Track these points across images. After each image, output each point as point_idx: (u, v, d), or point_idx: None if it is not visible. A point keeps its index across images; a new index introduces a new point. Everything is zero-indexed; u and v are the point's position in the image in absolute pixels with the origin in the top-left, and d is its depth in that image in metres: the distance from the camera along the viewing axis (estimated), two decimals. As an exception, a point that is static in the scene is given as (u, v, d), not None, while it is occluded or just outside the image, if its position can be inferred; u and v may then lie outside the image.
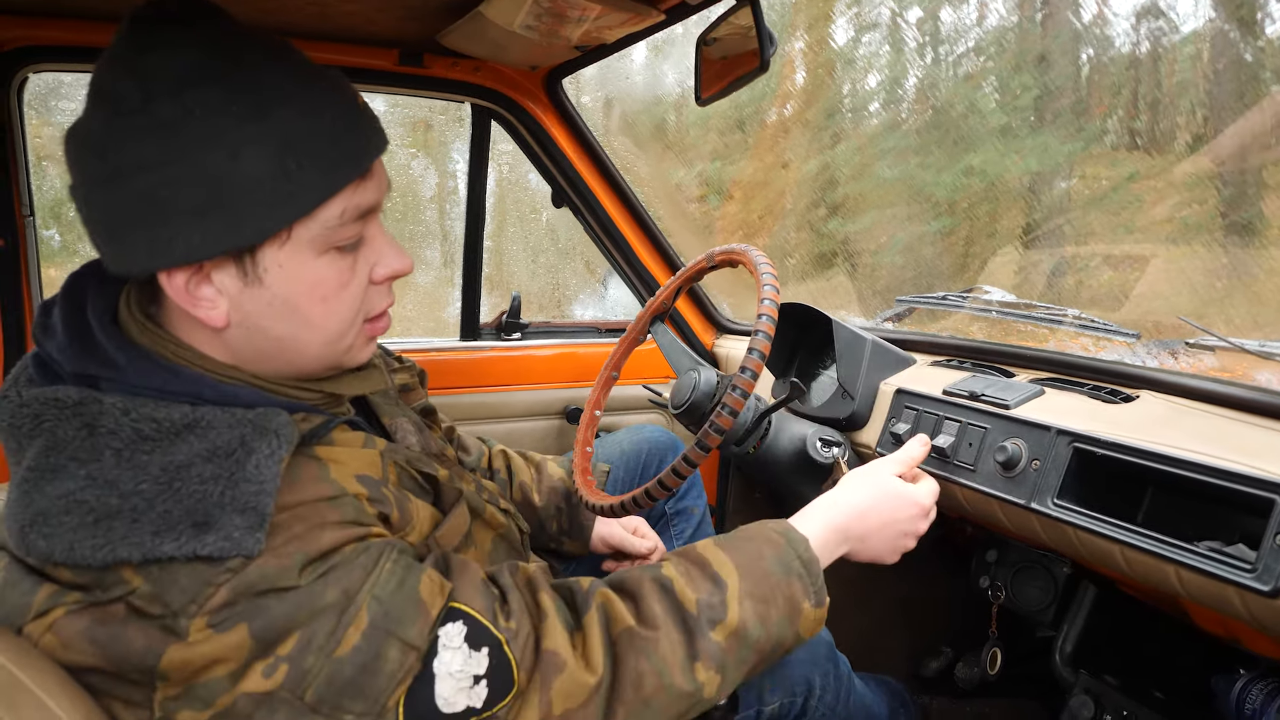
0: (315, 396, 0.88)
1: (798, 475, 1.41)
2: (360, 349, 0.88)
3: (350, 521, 0.78)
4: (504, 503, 1.15)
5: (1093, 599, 1.28)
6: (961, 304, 1.51)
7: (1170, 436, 1.02)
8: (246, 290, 0.76)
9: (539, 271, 2.26)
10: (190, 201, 0.70)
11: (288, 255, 0.76)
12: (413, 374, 1.22)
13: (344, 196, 0.77)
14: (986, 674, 1.40)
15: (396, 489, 0.89)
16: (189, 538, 0.68)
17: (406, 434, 1.04)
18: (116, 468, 0.70)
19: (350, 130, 0.78)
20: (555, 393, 1.81)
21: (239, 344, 0.80)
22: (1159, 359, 1.29)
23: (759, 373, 1.16)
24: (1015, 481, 1.15)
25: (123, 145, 0.70)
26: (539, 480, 1.38)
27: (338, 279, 0.80)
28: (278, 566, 0.70)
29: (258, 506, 0.71)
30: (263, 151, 0.71)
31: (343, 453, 0.85)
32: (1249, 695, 1.20)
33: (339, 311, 0.82)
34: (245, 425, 0.75)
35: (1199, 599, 0.97)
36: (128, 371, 0.76)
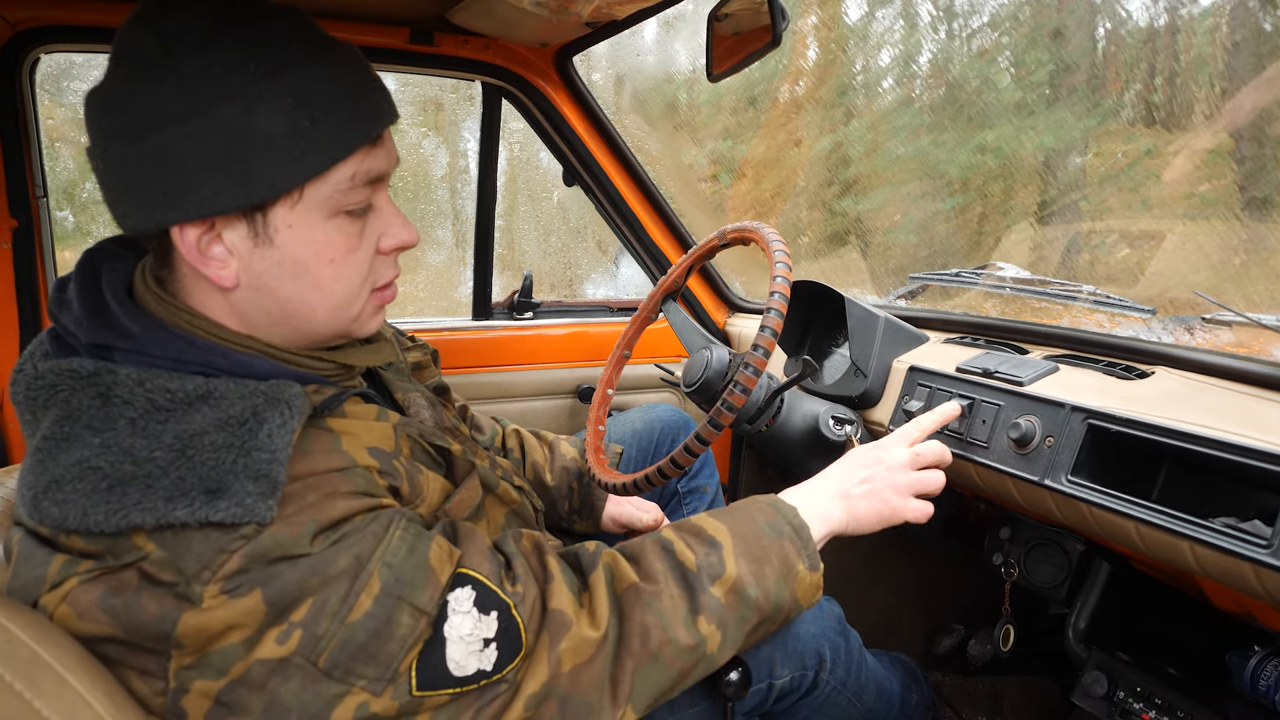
0: (328, 367, 0.89)
1: (810, 453, 1.42)
2: (368, 318, 0.89)
3: (361, 492, 0.79)
4: (518, 480, 1.16)
5: (1106, 576, 1.27)
6: (975, 281, 1.50)
7: (1185, 413, 1.02)
8: (256, 250, 0.78)
9: (550, 251, 2.26)
10: (206, 156, 0.72)
11: (298, 216, 0.78)
12: (425, 353, 1.23)
13: (355, 160, 0.79)
14: (999, 651, 1.41)
15: (408, 461, 0.90)
16: (202, 504, 0.69)
17: (420, 409, 1.05)
18: (131, 435, 0.71)
19: (363, 96, 0.80)
20: (567, 372, 1.81)
21: (249, 307, 0.81)
22: (1175, 335, 1.28)
23: (771, 350, 1.16)
24: (1029, 458, 1.15)
25: (144, 99, 0.71)
26: (552, 460, 1.39)
27: (346, 243, 0.82)
28: (290, 534, 0.71)
29: (270, 474, 0.72)
30: (278, 108, 0.73)
31: (355, 424, 0.87)
32: (1264, 671, 1.20)
33: (346, 275, 0.83)
34: (258, 396, 0.76)
35: (1214, 575, 0.96)
36: (143, 341, 0.77)
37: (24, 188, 1.41)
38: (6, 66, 1.35)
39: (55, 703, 0.63)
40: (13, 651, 0.64)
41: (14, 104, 1.37)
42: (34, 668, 0.64)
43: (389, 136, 0.85)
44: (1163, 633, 1.34)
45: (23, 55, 1.36)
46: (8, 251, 1.41)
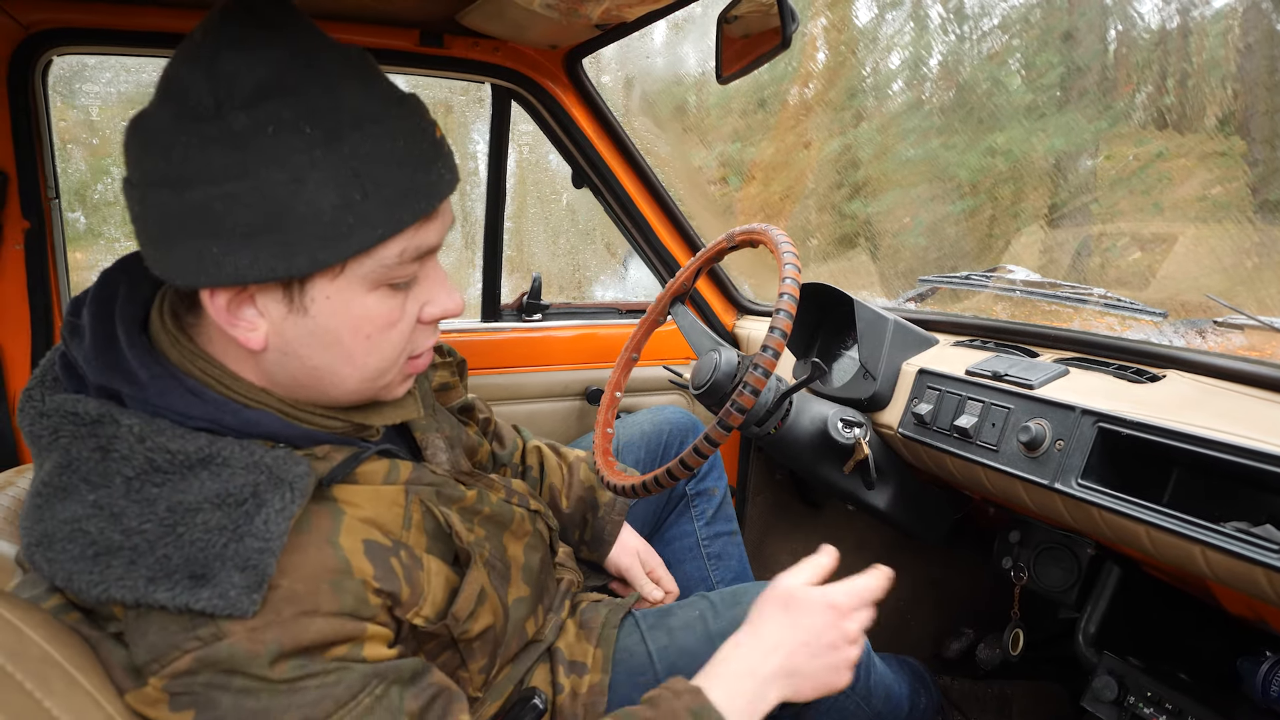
0: (343, 426, 0.85)
1: (819, 456, 1.41)
2: (397, 385, 0.86)
3: (346, 613, 0.75)
4: (534, 503, 1.14)
5: (1117, 580, 1.27)
6: (985, 283, 1.50)
7: (1197, 416, 1.01)
8: (290, 318, 0.74)
9: (559, 252, 2.26)
10: (246, 222, 0.68)
11: (338, 289, 0.74)
12: (453, 369, 1.21)
13: (406, 236, 0.75)
14: (1008, 655, 1.40)
15: (410, 555, 0.85)
16: (184, 589, 0.67)
17: (437, 451, 1.01)
18: (124, 498, 0.69)
19: (424, 166, 0.75)
20: (576, 374, 1.81)
21: (273, 368, 0.78)
22: (1186, 338, 1.27)
23: (781, 352, 1.15)
24: (1039, 462, 1.14)
25: (188, 150, 0.67)
26: (569, 485, 1.36)
27: (385, 317, 0.78)
28: (248, 651, 0.68)
29: (259, 565, 0.69)
30: (328, 179, 0.69)
31: (362, 494, 0.84)
32: (1275, 677, 1.19)
33: (382, 349, 0.80)
34: (261, 471, 0.73)
35: (1225, 580, 0.96)
36: (150, 390, 0.74)
37: (36, 189, 1.42)
38: (19, 68, 1.36)
39: (65, 702, 0.63)
40: (24, 650, 0.64)
41: (27, 106, 1.38)
42: (44, 667, 0.64)
43: (446, 203, 0.80)
44: (1174, 637, 1.34)
45: (35, 57, 1.37)
46: (20, 253, 1.42)
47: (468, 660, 0.93)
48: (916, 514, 1.50)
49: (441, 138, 0.79)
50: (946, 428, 1.28)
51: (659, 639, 1.17)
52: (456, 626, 0.88)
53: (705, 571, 1.57)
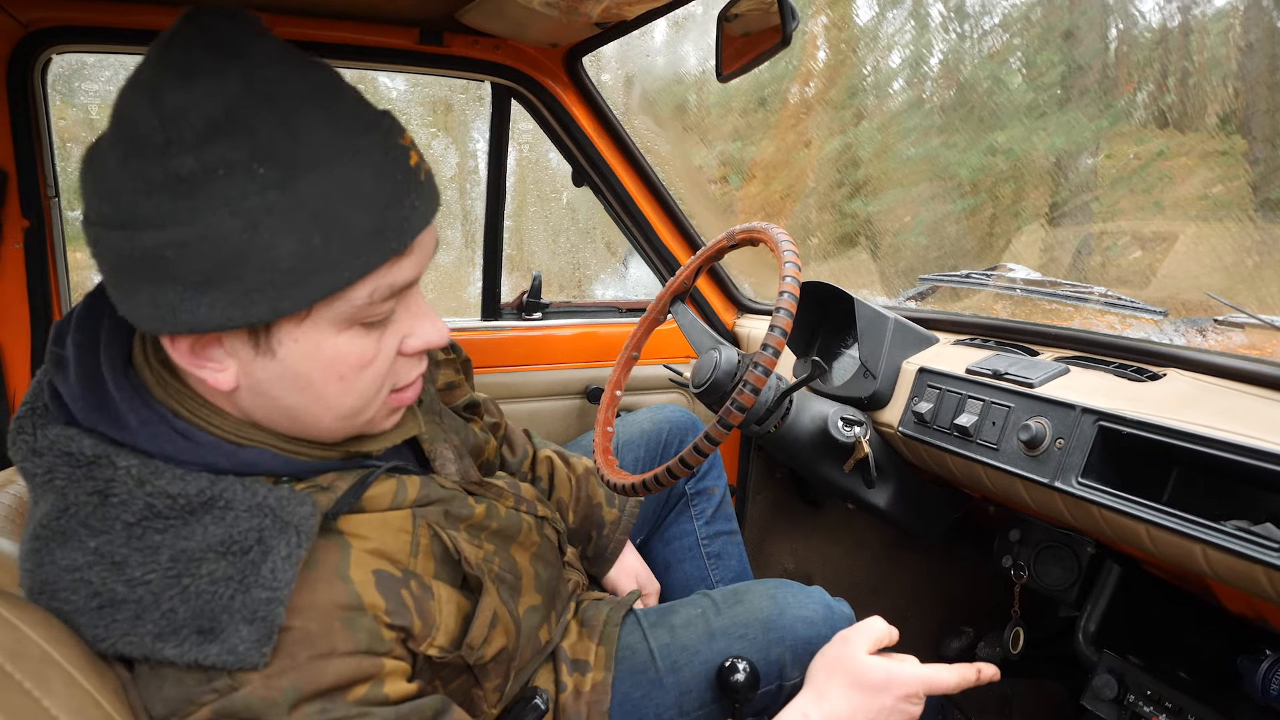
0: (341, 455, 0.83)
1: (819, 455, 1.41)
2: (382, 420, 0.83)
3: (362, 651, 0.73)
4: (542, 508, 1.14)
5: (1117, 579, 1.27)
6: (985, 282, 1.50)
7: (1197, 415, 1.01)
8: (258, 360, 0.70)
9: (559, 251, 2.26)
10: (199, 270, 0.63)
11: (305, 332, 0.70)
12: (456, 367, 1.19)
13: (375, 277, 0.70)
14: (1009, 654, 1.40)
15: (420, 582, 0.84)
16: (192, 645, 0.66)
17: (446, 462, 0.99)
18: (126, 545, 0.68)
19: (394, 200, 0.69)
20: (576, 372, 1.81)
21: (249, 406, 0.75)
22: (1187, 336, 1.27)
23: (781, 350, 1.15)
24: (1039, 460, 1.14)
25: (135, 195, 0.62)
26: (576, 500, 1.34)
27: (359, 357, 0.74)
28: (264, 699, 0.67)
29: (268, 617, 0.68)
30: (285, 225, 0.63)
31: (368, 523, 0.82)
32: (1275, 675, 1.19)
33: (357, 389, 0.76)
34: (265, 515, 0.71)
35: (1225, 579, 0.96)
36: (140, 435, 0.72)
37: (36, 188, 1.42)
38: (19, 67, 1.36)
39: (64, 702, 0.63)
40: (23, 650, 0.64)
41: (26, 104, 1.38)
42: (44, 667, 0.64)
43: (427, 233, 0.74)
44: (1174, 636, 1.33)
45: (34, 56, 1.37)
46: (20, 252, 1.42)
47: (482, 681, 0.92)
48: (917, 513, 1.50)
49: (418, 164, 0.73)
50: (947, 426, 1.28)
51: (661, 636, 1.17)
52: (471, 655, 0.87)
53: (705, 571, 1.57)
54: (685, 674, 1.11)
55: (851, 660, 0.96)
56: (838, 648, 0.99)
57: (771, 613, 1.18)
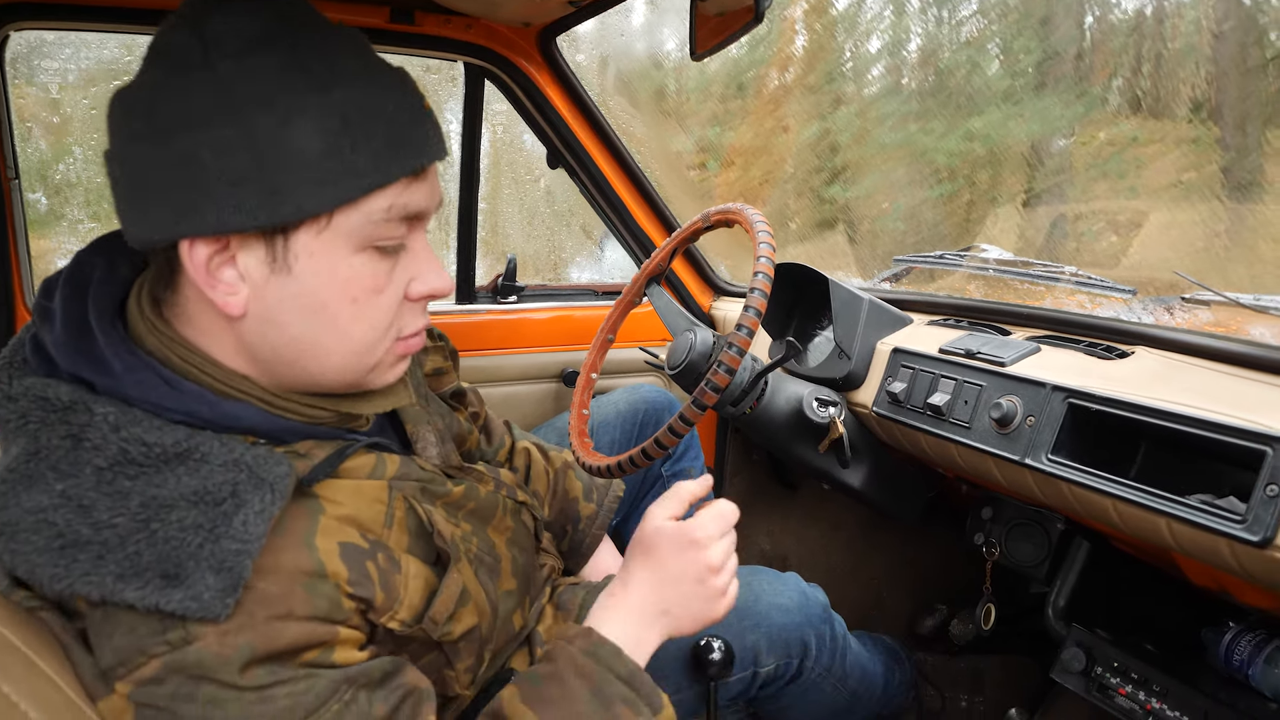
0: (329, 416, 0.83)
1: (794, 435, 1.42)
2: (387, 369, 0.83)
3: (319, 617, 0.73)
4: (521, 494, 1.13)
5: (1086, 555, 1.28)
6: (959, 263, 1.51)
7: (1164, 391, 1.02)
8: (272, 278, 0.72)
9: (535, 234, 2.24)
10: (233, 167, 0.66)
11: (322, 245, 0.71)
12: (445, 354, 1.18)
13: (394, 191, 0.73)
14: (981, 630, 1.42)
15: (389, 554, 0.83)
16: (155, 588, 0.65)
17: (428, 445, 0.99)
18: (95, 489, 0.67)
19: (412, 124, 0.75)
20: (552, 356, 1.81)
21: (255, 339, 0.75)
22: (1155, 315, 1.28)
23: (755, 330, 1.16)
24: (1010, 438, 1.15)
25: (173, 100, 0.67)
26: (553, 494, 1.33)
27: (372, 281, 0.75)
28: (218, 656, 0.66)
29: (235, 568, 0.67)
30: (317, 125, 0.68)
31: (343, 489, 0.81)
32: (1238, 646, 1.21)
33: (369, 317, 0.77)
34: (241, 470, 0.71)
35: (1190, 551, 0.97)
36: (124, 381, 0.72)
37: (-5, 169, 1.39)
38: (-22, 44, 1.33)
39: (23, 687, 0.62)
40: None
41: (-15, 83, 1.35)
42: (4, 653, 0.63)
43: (434, 174, 0.79)
44: (1140, 610, 1.36)
45: (-6, 33, 1.34)
46: (-20, 234, 1.40)
47: (453, 660, 0.91)
48: (891, 492, 1.52)
49: (429, 108, 0.78)
50: (920, 405, 1.29)
51: None
52: (435, 629, 0.87)
53: (681, 553, 1.57)
54: (660, 658, 1.11)
55: (643, 535, 0.96)
56: (640, 525, 0.98)
57: (747, 600, 1.18)
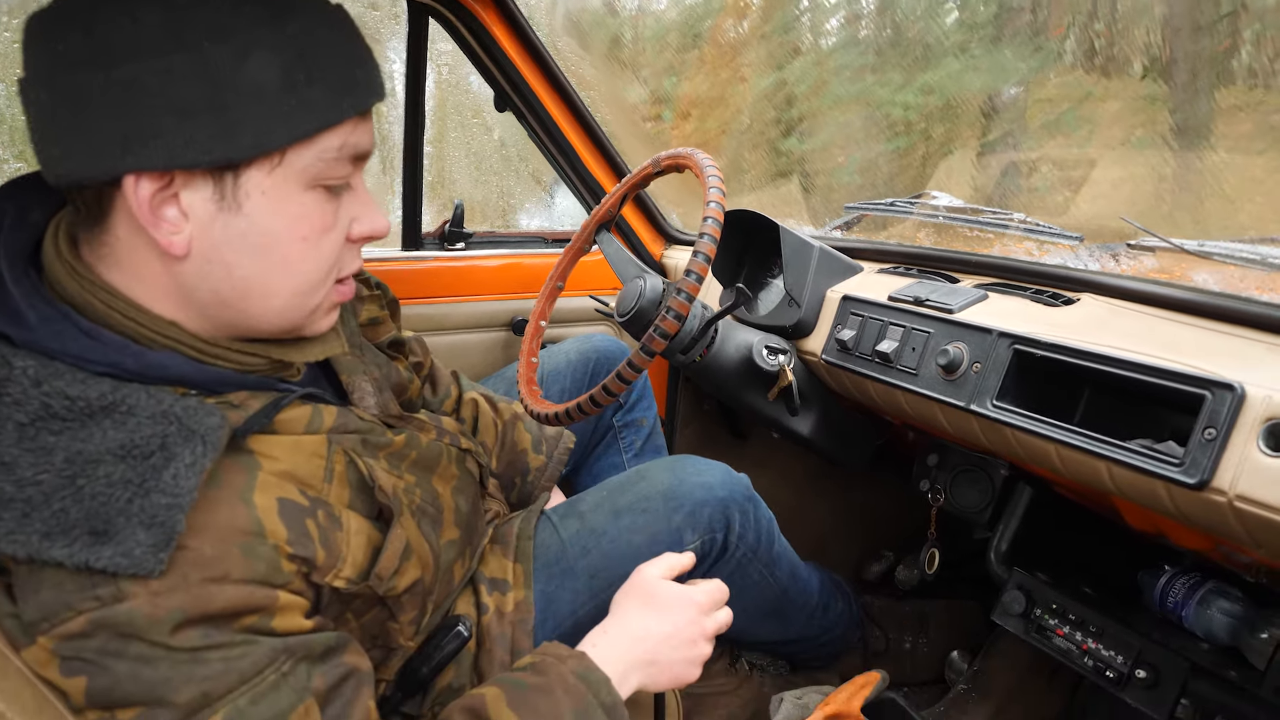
0: (261, 364, 0.80)
1: (744, 383, 1.42)
2: (324, 315, 0.82)
3: (257, 581, 0.71)
4: (465, 441, 1.11)
5: (1028, 500, 1.30)
6: (909, 210, 1.50)
7: (1107, 337, 1.03)
8: (220, 216, 0.69)
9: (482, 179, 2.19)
10: (184, 97, 0.63)
11: (274, 182, 0.70)
12: (381, 302, 1.14)
13: (346, 129, 0.72)
14: (925, 574, 1.44)
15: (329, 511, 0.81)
16: (83, 545, 0.62)
17: (364, 395, 0.97)
18: (17, 445, 0.64)
19: (360, 62, 0.73)
20: (501, 304, 1.77)
21: (193, 283, 0.72)
22: (1101, 262, 1.29)
23: (704, 275, 1.14)
24: (956, 384, 1.16)
25: (119, 22, 0.62)
26: (502, 446, 1.32)
27: (321, 220, 0.74)
28: (148, 616, 0.64)
29: (167, 522, 0.65)
30: (274, 59, 0.66)
31: (280, 444, 0.79)
32: (1172, 589, 1.24)
33: (316, 256, 0.75)
34: (170, 422, 0.68)
35: (1129, 495, 0.99)
36: (38, 332, 0.68)
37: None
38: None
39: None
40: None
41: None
42: None
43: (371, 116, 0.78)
44: (1080, 554, 1.39)
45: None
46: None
47: (397, 614, 0.90)
48: (839, 440, 1.52)
49: (369, 48, 0.77)
50: (868, 353, 1.29)
51: (570, 526, 1.18)
52: (381, 585, 0.85)
53: (632, 502, 1.57)
54: (594, 556, 1.12)
55: (644, 584, 1.00)
56: (633, 578, 1.02)
57: (671, 483, 1.19)
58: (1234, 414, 0.86)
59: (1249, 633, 1.13)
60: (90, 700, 0.64)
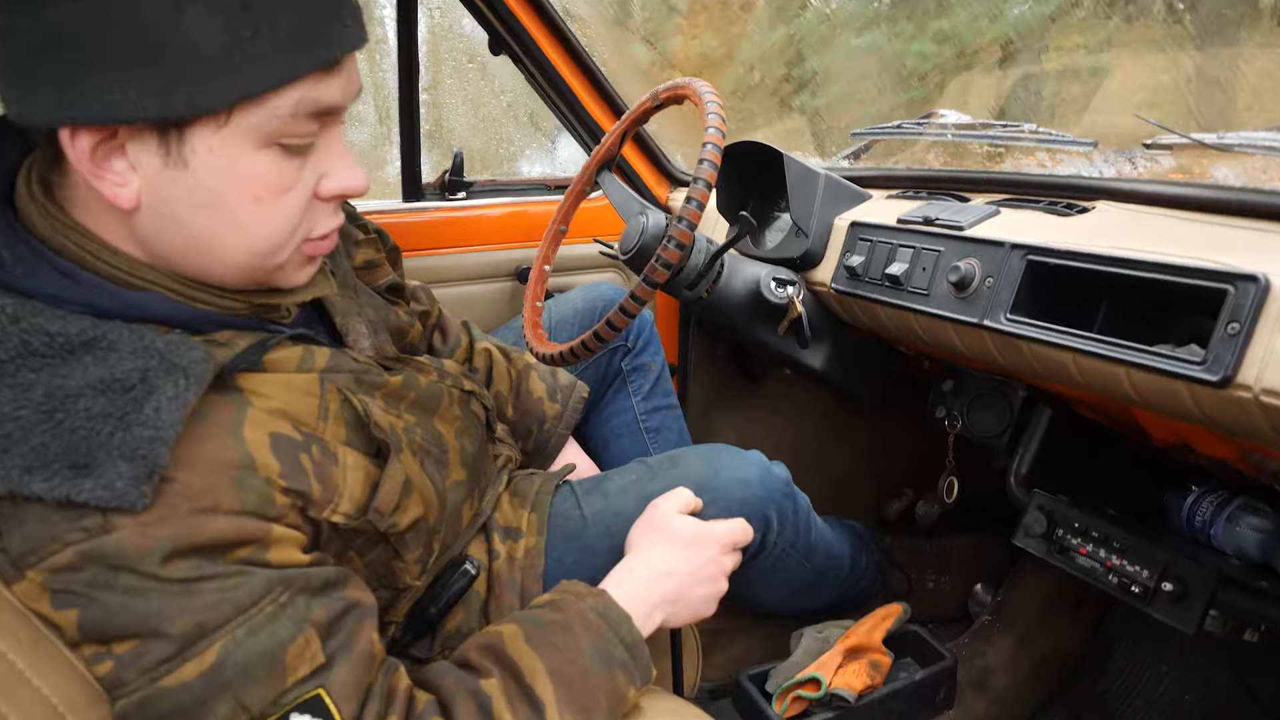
0: (245, 308, 0.78)
1: (753, 318, 1.39)
2: (295, 271, 0.78)
3: (249, 512, 0.69)
4: (468, 383, 1.09)
5: (1048, 422, 1.27)
6: (919, 131, 1.46)
7: (1124, 241, 0.99)
8: (166, 172, 0.65)
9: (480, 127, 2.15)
10: (117, 48, 0.59)
11: (222, 141, 0.65)
12: (379, 248, 1.11)
13: (303, 85, 0.66)
14: (944, 503, 1.41)
15: (324, 447, 0.79)
16: (64, 479, 0.61)
17: (359, 336, 0.94)
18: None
19: (329, 12, 0.67)
20: (506, 253, 1.75)
21: (149, 233, 0.69)
22: (1117, 167, 1.25)
23: (705, 202, 1.12)
24: (968, 301, 1.12)
25: None
26: (516, 395, 1.30)
27: (277, 180, 0.69)
28: (138, 547, 0.63)
29: (149, 455, 0.63)
30: (213, 9, 0.60)
31: (271, 382, 0.76)
32: (1199, 508, 1.21)
33: (274, 218, 0.71)
34: (151, 356, 0.66)
35: (1150, 402, 0.95)
36: (15, 272, 0.66)
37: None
38: None
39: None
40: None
41: None
42: None
43: (352, 62, 0.71)
44: (1103, 478, 1.35)
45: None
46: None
47: (402, 552, 0.89)
48: (852, 373, 1.49)
49: None
50: (878, 277, 1.26)
51: (594, 503, 1.15)
52: (381, 521, 0.83)
53: (644, 446, 1.55)
54: (619, 539, 1.09)
55: (665, 521, 0.99)
56: (650, 514, 1.01)
57: (706, 475, 1.16)
58: (1258, 306, 0.82)
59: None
60: (83, 633, 0.63)
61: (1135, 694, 1.38)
